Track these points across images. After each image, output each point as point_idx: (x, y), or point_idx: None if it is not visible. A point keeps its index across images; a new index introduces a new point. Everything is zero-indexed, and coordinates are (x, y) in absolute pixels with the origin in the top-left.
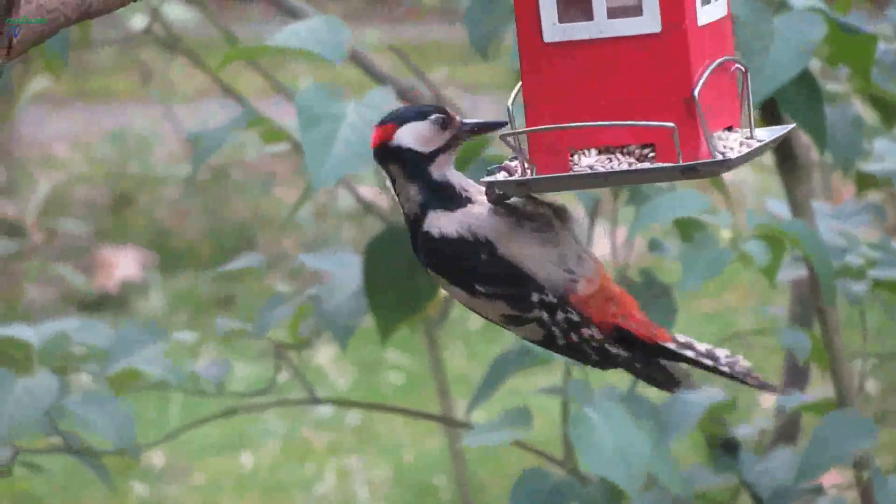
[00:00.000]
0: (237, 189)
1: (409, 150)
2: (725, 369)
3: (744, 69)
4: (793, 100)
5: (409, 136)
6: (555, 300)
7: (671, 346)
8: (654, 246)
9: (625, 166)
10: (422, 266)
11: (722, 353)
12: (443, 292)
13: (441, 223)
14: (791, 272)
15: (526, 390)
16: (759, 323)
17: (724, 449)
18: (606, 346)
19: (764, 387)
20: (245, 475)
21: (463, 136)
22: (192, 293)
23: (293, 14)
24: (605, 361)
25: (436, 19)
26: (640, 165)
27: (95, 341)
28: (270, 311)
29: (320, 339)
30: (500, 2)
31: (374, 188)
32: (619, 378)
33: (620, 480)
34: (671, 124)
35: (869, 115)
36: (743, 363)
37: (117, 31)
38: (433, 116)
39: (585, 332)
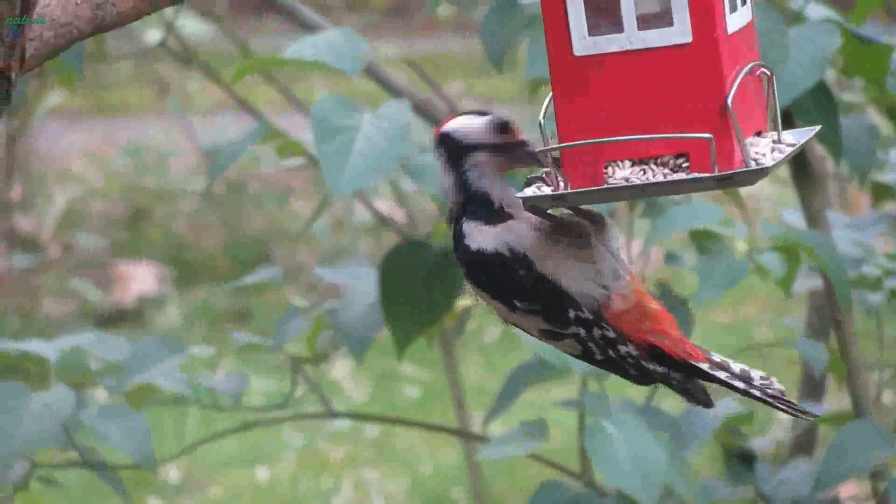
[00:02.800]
0: (253, 202)
1: (450, 136)
2: (757, 393)
3: (769, 73)
4: (808, 110)
5: (457, 125)
6: (591, 316)
7: (704, 366)
8: (670, 258)
9: (660, 177)
10: (464, 279)
11: (757, 374)
12: (459, 305)
13: (480, 237)
14: (807, 283)
15: (543, 403)
16: (776, 334)
17: (741, 460)
18: (643, 362)
19: (797, 412)
20: (262, 489)
21: (521, 154)
22: (209, 307)
23: (309, 27)
24: (643, 377)
25: (451, 32)
26: (675, 176)
27: (112, 356)
28: (287, 325)
29: (336, 353)
30: (515, 15)
31: (390, 201)
32: (635, 390)
33: (637, 492)
34: (708, 135)
35: (884, 125)
36: (777, 386)
37: (133, 45)
38: (489, 117)
39: (622, 349)
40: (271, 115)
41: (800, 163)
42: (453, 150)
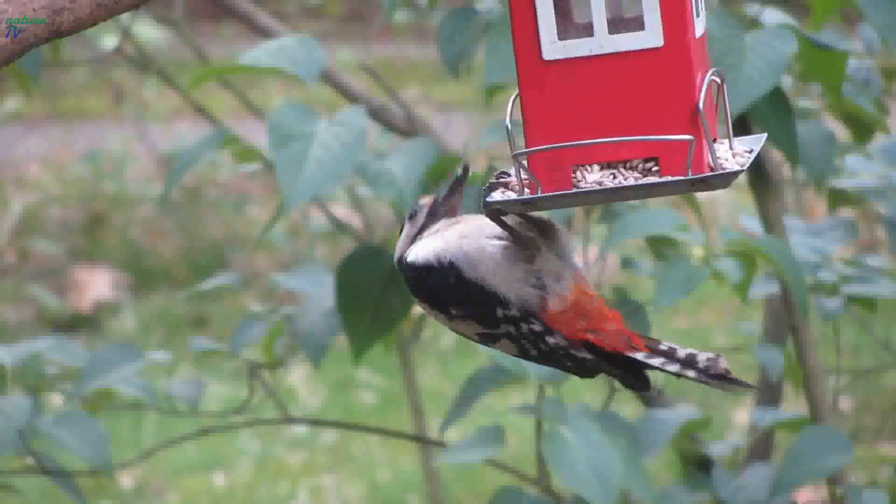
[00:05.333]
0: (211, 208)
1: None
2: (691, 374)
3: (719, 81)
4: (765, 116)
5: (400, 242)
6: (517, 313)
7: (639, 355)
8: (626, 263)
9: (631, 181)
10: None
11: (703, 356)
12: (415, 311)
13: (415, 250)
14: (764, 289)
15: (500, 409)
16: (734, 340)
17: (698, 466)
18: (572, 351)
19: (738, 384)
20: (219, 495)
21: (441, 206)
22: (166, 313)
23: (266, 34)
24: (579, 368)
25: (408, 38)
26: (646, 180)
27: (69, 361)
28: (244, 331)
29: (293, 359)
30: (472, 21)
31: (347, 207)
32: (592, 396)
33: (595, 498)
34: (689, 137)
35: (841, 131)
36: (722, 364)
37: (89, 51)
38: (407, 215)
39: (550, 340)
40: (228, 121)
41: (757, 169)
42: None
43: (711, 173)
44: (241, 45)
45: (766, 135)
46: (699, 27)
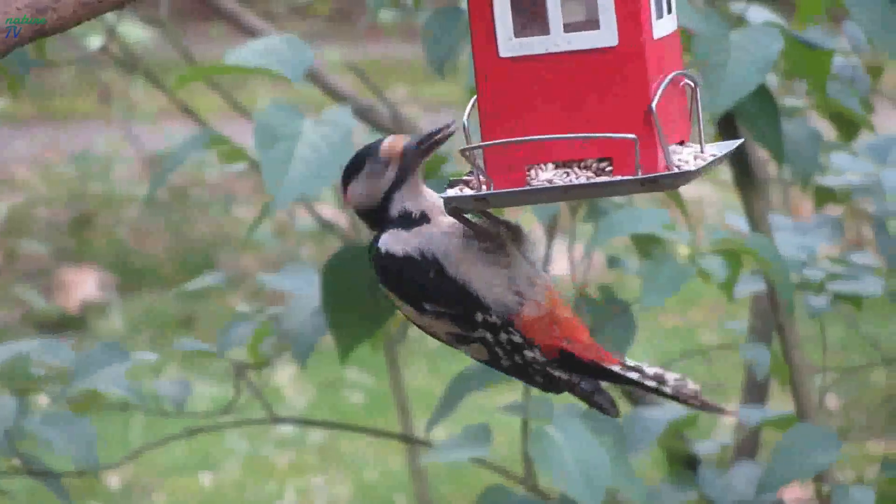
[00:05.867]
0: (198, 208)
1: (361, 209)
2: (668, 391)
3: (693, 84)
4: (750, 114)
5: (357, 195)
6: (498, 321)
7: (615, 368)
8: (612, 262)
9: (583, 180)
10: (378, 283)
11: (671, 376)
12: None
13: (390, 241)
14: (751, 287)
15: (487, 408)
16: (721, 338)
17: (686, 465)
18: (549, 369)
19: (709, 409)
20: (206, 495)
21: (415, 161)
22: (153, 313)
23: (253, 33)
24: (549, 384)
25: (395, 38)
26: (598, 179)
27: (56, 362)
28: (231, 331)
29: (280, 359)
30: (457, 21)
31: (334, 207)
32: None
33: (582, 497)
34: (632, 136)
35: (827, 129)
36: (691, 386)
37: (76, 51)
38: (366, 168)
39: (528, 354)
40: (215, 121)
41: (742, 167)
42: (371, 214)
43: (661, 173)
44: (228, 45)
45: (740, 141)
46: (664, 27)
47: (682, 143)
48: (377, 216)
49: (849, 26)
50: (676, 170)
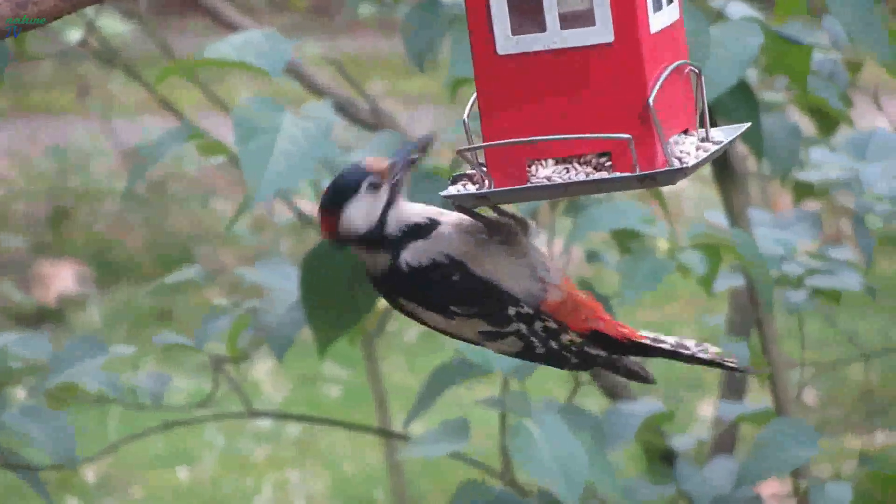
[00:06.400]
0: (176, 202)
1: (359, 235)
2: (703, 356)
3: (697, 71)
4: (730, 109)
5: (354, 220)
6: (531, 311)
7: (646, 341)
8: (591, 256)
9: (582, 176)
10: (390, 301)
11: (691, 342)
12: (380, 305)
13: (411, 255)
14: (730, 282)
15: (466, 402)
16: (700, 333)
17: (663, 460)
18: (587, 348)
19: (736, 369)
20: (183, 489)
21: (404, 175)
22: (131, 306)
23: (232, 27)
24: (585, 363)
25: (374, 32)
26: (597, 175)
27: (34, 355)
28: (209, 325)
29: (257, 353)
30: (437, 15)
31: (312, 201)
32: (557, 389)
33: (560, 491)
34: (626, 136)
35: (806, 124)
36: (713, 349)
37: (54, 45)
38: (365, 185)
39: (565, 337)
40: (193, 115)
41: (721, 162)
42: (369, 238)
43: (658, 170)
44: (207, 39)
45: (747, 125)
46: (661, 20)
47: (686, 131)
48: (372, 240)
49: (828, 21)
50: (677, 164)
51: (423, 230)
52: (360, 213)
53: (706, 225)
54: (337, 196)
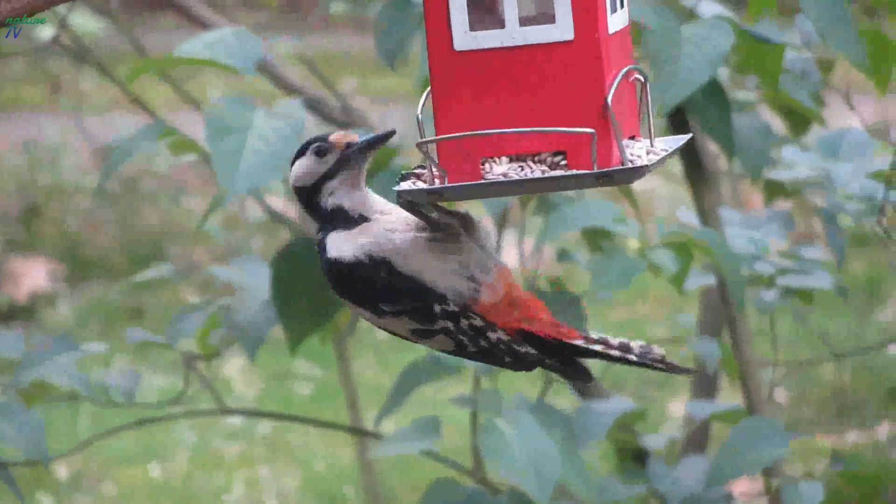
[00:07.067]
0: (148, 199)
1: (297, 187)
2: (634, 358)
3: (643, 79)
4: (701, 108)
5: (297, 173)
6: (457, 309)
7: (578, 342)
8: (562, 255)
9: (538, 174)
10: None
11: (636, 344)
12: None
13: (337, 245)
14: (701, 281)
15: (437, 400)
16: (671, 332)
17: (634, 458)
18: (515, 346)
19: (677, 370)
20: (155, 486)
21: (355, 158)
22: (103, 304)
23: (204, 24)
24: (517, 362)
25: (346, 29)
26: (553, 173)
27: (5, 352)
28: (180, 322)
29: (229, 350)
30: (408, 13)
31: (284, 198)
32: (529, 388)
33: (531, 490)
34: (591, 130)
35: (777, 123)
36: (657, 351)
37: (26, 41)
38: (311, 147)
39: (492, 335)
40: (165, 112)
41: (693, 161)
42: (305, 195)
43: (616, 168)
44: (178, 36)
45: (689, 136)
46: (616, 23)
47: (632, 137)
48: (312, 203)
49: (800, 20)
50: (630, 164)
51: (350, 219)
52: (302, 169)
53: (678, 224)
54: (301, 148)
